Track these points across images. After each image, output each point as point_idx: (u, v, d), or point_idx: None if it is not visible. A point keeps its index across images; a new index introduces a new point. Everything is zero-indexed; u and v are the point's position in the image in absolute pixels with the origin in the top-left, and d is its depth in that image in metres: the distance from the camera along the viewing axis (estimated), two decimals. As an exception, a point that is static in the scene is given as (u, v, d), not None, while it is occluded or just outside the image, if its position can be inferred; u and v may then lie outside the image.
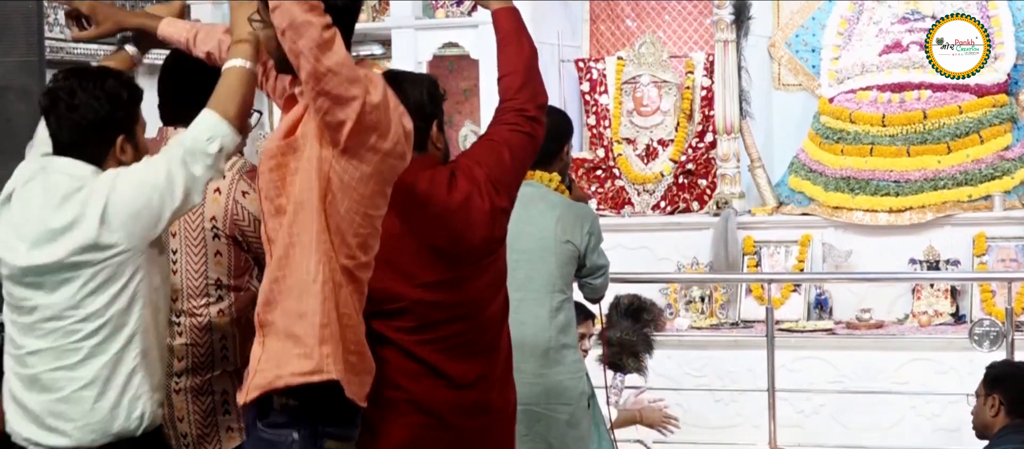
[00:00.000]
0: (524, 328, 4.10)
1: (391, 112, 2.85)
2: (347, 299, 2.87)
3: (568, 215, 4.26)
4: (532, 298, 4.20)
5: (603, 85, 8.61)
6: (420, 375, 3.18)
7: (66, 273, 2.95)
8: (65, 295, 2.96)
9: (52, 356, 2.98)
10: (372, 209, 2.88)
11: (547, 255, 4.22)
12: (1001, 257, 7.38)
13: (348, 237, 2.85)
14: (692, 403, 7.15)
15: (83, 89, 2.98)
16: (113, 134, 3.01)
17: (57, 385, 2.97)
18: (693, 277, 7.78)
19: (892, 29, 8.04)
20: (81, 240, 2.94)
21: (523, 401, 4.10)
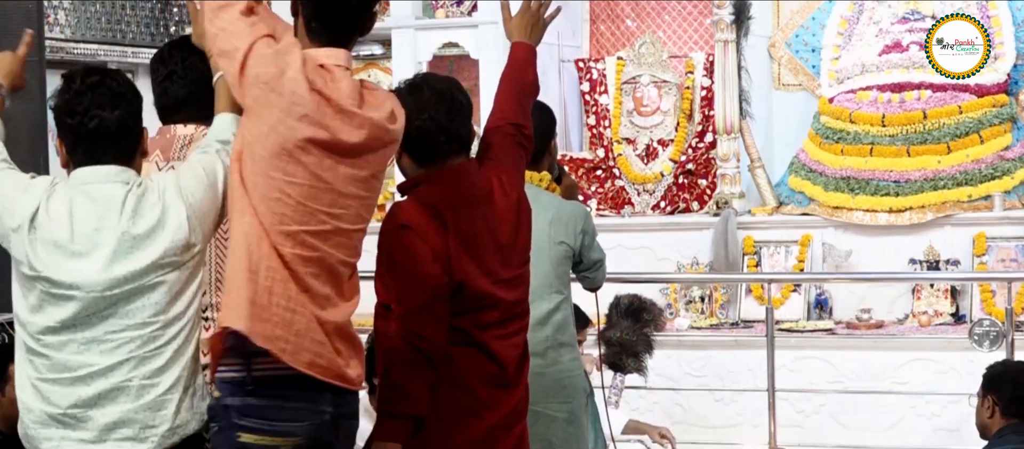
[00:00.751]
0: None
1: (287, 69, 2.86)
2: (266, 253, 2.88)
3: (561, 216, 4.27)
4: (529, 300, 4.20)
5: (603, 85, 8.62)
6: (494, 378, 3.34)
7: (154, 277, 2.89)
8: (152, 301, 2.89)
9: (129, 367, 2.89)
10: (274, 171, 2.86)
11: (542, 257, 4.20)
12: (1001, 257, 7.39)
13: (257, 201, 2.89)
14: (692, 403, 7.16)
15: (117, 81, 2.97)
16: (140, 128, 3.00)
17: (137, 395, 2.89)
18: (693, 277, 7.79)
19: (892, 29, 8.04)
20: (173, 242, 2.90)
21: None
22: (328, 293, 2.95)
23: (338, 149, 2.90)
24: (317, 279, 2.93)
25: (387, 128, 2.99)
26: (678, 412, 7.19)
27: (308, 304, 2.91)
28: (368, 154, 2.96)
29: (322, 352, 2.93)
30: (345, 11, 3.00)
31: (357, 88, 2.97)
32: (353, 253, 3.02)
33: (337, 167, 2.91)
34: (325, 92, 2.88)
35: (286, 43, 2.90)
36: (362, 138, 2.93)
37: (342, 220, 2.95)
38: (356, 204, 2.97)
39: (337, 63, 2.96)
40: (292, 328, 2.89)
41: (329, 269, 2.95)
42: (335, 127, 2.89)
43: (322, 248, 2.92)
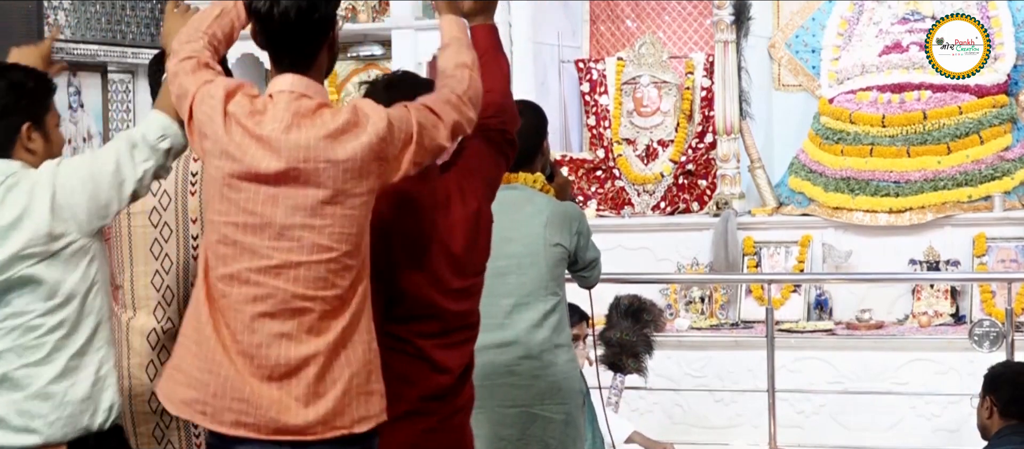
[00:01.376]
0: (518, 333, 4.13)
1: (212, 111, 2.84)
2: (195, 312, 2.88)
3: (555, 218, 4.25)
4: (524, 303, 4.18)
5: (603, 86, 8.62)
6: (427, 373, 3.23)
7: (22, 267, 2.94)
8: (25, 291, 2.95)
9: (14, 355, 2.97)
10: (213, 214, 2.85)
11: (537, 259, 4.20)
12: (1001, 257, 7.38)
13: (206, 247, 2.89)
14: (692, 403, 7.15)
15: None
16: (18, 121, 3.03)
17: (24, 383, 2.96)
18: (693, 277, 7.78)
19: (892, 29, 8.04)
20: (33, 232, 2.94)
21: (519, 402, 4.13)
22: (287, 331, 2.82)
23: (260, 179, 2.80)
24: (271, 319, 2.82)
25: (315, 152, 2.80)
26: (678, 413, 7.19)
27: (233, 363, 2.82)
28: (304, 183, 2.80)
29: (247, 409, 2.81)
30: (277, 37, 2.91)
31: (301, 113, 2.83)
32: (321, 285, 2.83)
33: (274, 200, 2.80)
34: (244, 123, 2.82)
35: (218, 84, 2.88)
36: (281, 166, 2.79)
37: (293, 253, 2.80)
38: (310, 234, 2.81)
39: (280, 89, 2.87)
40: (208, 390, 2.83)
41: (286, 304, 2.81)
42: (251, 156, 2.80)
43: (272, 284, 2.81)
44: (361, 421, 2.87)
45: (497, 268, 3.95)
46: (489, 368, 4.05)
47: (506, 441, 4.15)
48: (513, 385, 4.13)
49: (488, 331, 4.02)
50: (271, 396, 2.81)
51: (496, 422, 4.13)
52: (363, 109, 2.88)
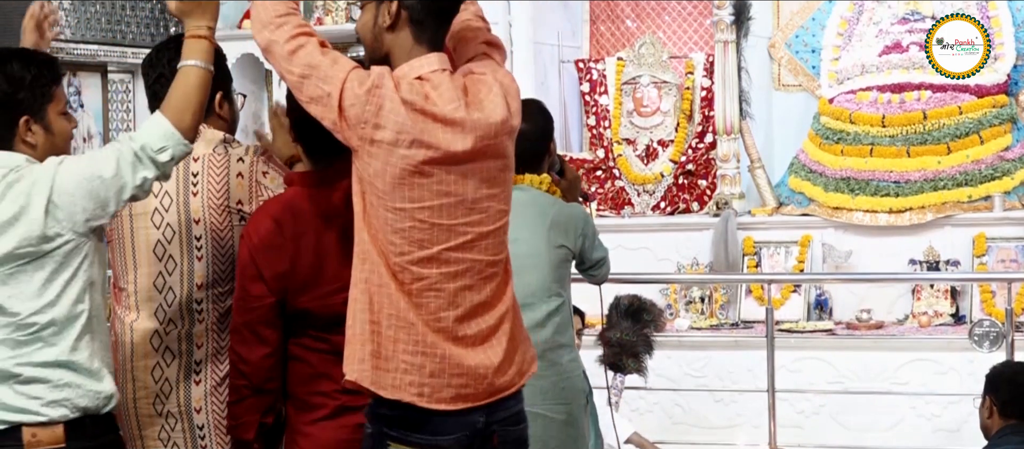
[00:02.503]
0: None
1: (383, 101, 2.80)
2: (388, 300, 2.86)
3: (560, 219, 4.27)
4: (528, 304, 4.16)
5: (603, 86, 8.62)
6: None
7: (14, 265, 2.95)
8: (16, 289, 2.95)
9: (6, 348, 2.97)
10: (401, 202, 2.83)
11: (541, 261, 4.23)
12: (1001, 258, 7.38)
13: (388, 235, 2.85)
14: (692, 403, 7.15)
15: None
16: (15, 115, 3.02)
17: (16, 372, 2.97)
18: (693, 277, 7.79)
19: (892, 29, 8.04)
20: (28, 231, 2.94)
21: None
22: (484, 299, 2.93)
23: (455, 160, 2.84)
24: (471, 290, 2.91)
25: (500, 122, 2.89)
26: (678, 412, 7.19)
27: (445, 341, 2.88)
28: (487, 155, 2.89)
29: (467, 380, 2.91)
30: (448, 12, 2.95)
31: (460, 87, 2.88)
32: (500, 249, 2.97)
33: (464, 177, 2.86)
34: (425, 109, 2.82)
35: (375, 74, 2.84)
36: (471, 144, 2.85)
37: (483, 224, 2.90)
38: (493, 203, 2.92)
39: (433, 69, 2.88)
40: (424, 371, 2.87)
41: (480, 274, 2.92)
42: (444, 141, 2.83)
43: (468, 258, 2.89)
44: (533, 361, 3.11)
45: None
46: None
47: None
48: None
49: None
50: (481, 361, 2.92)
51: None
52: (498, 75, 2.98)
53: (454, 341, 2.89)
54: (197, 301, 3.37)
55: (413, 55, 2.89)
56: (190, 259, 3.37)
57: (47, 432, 2.97)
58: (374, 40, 2.94)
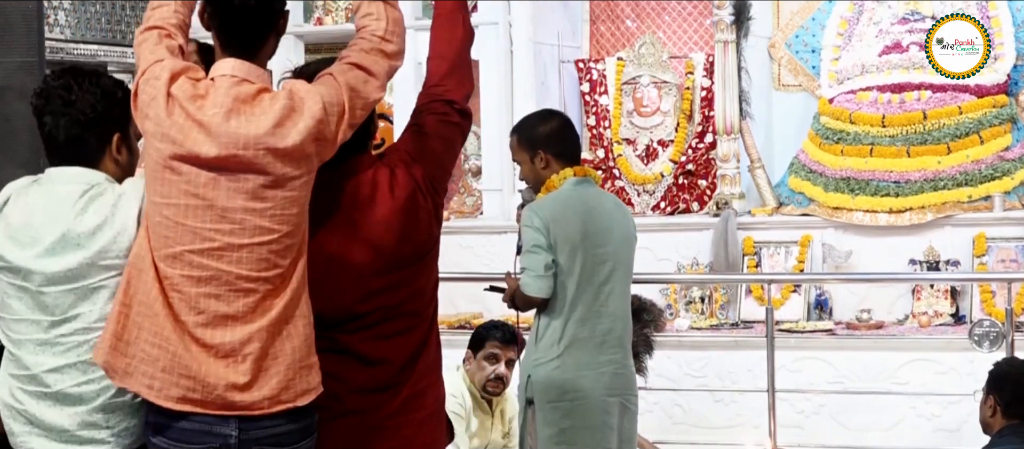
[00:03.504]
0: (614, 320, 4.35)
1: (156, 92, 2.86)
2: (143, 286, 2.86)
3: (628, 211, 4.57)
4: (618, 291, 4.39)
5: (603, 86, 8.62)
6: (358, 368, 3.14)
7: (97, 279, 2.91)
8: (97, 306, 2.91)
9: (78, 371, 2.92)
10: (154, 194, 2.86)
11: (630, 248, 4.45)
12: (1001, 257, 7.38)
13: (152, 225, 2.87)
14: (692, 403, 7.15)
15: (79, 86, 2.98)
16: (110, 131, 3.00)
17: (88, 397, 2.93)
18: (693, 277, 7.79)
19: (892, 29, 8.04)
20: (113, 242, 2.91)
21: (616, 391, 4.35)
22: (232, 312, 2.84)
23: (202, 164, 2.82)
24: (217, 299, 2.84)
25: (253, 138, 2.83)
26: (678, 412, 7.18)
27: (182, 339, 2.83)
28: (242, 168, 2.83)
29: (196, 385, 2.83)
30: (232, 21, 2.92)
31: (240, 98, 2.85)
32: (264, 266, 2.85)
33: (215, 184, 2.83)
34: (187, 107, 2.83)
35: (160, 67, 2.88)
36: (218, 151, 2.81)
37: (235, 235, 2.83)
38: (253, 217, 2.83)
39: (222, 73, 2.89)
40: (157, 365, 2.84)
41: (231, 286, 2.84)
42: (192, 142, 2.82)
43: (214, 266, 2.83)
44: (304, 394, 2.92)
45: (598, 256, 4.13)
46: (590, 357, 4.25)
47: (612, 430, 4.33)
48: (614, 374, 4.34)
49: (587, 319, 4.16)
50: (218, 373, 2.84)
51: (603, 410, 4.31)
52: (298, 93, 2.91)
53: (195, 343, 2.84)
54: None
55: (218, 58, 2.94)
56: None
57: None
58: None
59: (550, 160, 4.39)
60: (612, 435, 4.33)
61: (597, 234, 4.31)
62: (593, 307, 4.30)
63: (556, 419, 4.31)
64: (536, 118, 4.55)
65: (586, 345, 4.29)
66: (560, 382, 4.30)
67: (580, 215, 4.28)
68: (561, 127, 4.46)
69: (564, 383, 4.29)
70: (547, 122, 4.47)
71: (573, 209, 4.27)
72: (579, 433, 4.31)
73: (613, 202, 4.51)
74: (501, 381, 5.49)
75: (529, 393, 4.37)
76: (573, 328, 4.27)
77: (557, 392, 4.29)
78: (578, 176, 4.37)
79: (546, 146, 4.39)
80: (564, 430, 4.31)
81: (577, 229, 4.28)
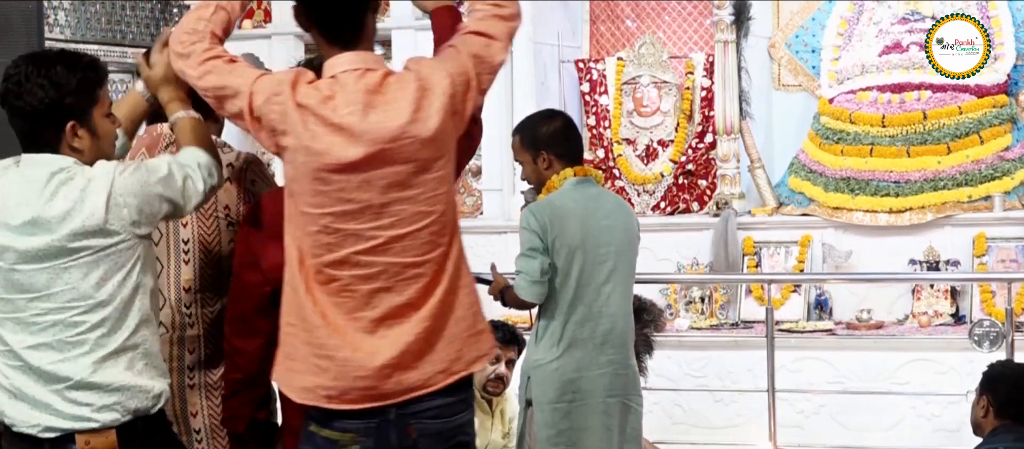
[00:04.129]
0: (615, 320, 4.33)
1: (285, 108, 2.85)
2: (302, 302, 2.90)
3: (630, 210, 4.55)
4: (619, 290, 4.37)
5: (603, 86, 8.62)
6: None
7: (64, 259, 2.95)
8: (70, 284, 2.96)
9: (54, 351, 2.97)
10: (308, 206, 2.88)
11: (630, 247, 4.43)
12: (1001, 257, 7.39)
13: (307, 236, 2.89)
14: (692, 403, 7.15)
15: (28, 78, 2.99)
16: (62, 120, 3.01)
17: (64, 375, 2.97)
18: (693, 277, 7.79)
19: (892, 29, 8.04)
20: (83, 225, 2.95)
21: (616, 392, 4.33)
22: (408, 298, 2.89)
23: (348, 168, 2.83)
24: (388, 292, 2.88)
25: (397, 129, 2.84)
26: (678, 412, 7.19)
27: (350, 340, 2.87)
28: (392, 161, 2.85)
29: (373, 384, 2.88)
30: (334, 12, 2.92)
31: (370, 90, 2.86)
32: (427, 249, 2.90)
33: (367, 184, 2.85)
34: (320, 112, 2.84)
35: (275, 81, 2.88)
36: (367, 151, 2.83)
37: (396, 227, 2.87)
38: (408, 205, 2.87)
39: (343, 69, 2.88)
40: (328, 375, 2.88)
41: (399, 276, 2.88)
42: (335, 148, 2.83)
43: (382, 261, 2.87)
44: (476, 361, 2.99)
45: (598, 256, 4.12)
46: (591, 358, 4.25)
47: (612, 432, 4.32)
48: (614, 374, 4.32)
49: (587, 319, 4.16)
50: (394, 363, 2.87)
51: (604, 411, 4.31)
52: (424, 73, 2.92)
53: (369, 341, 2.88)
54: (186, 305, 3.36)
55: (329, 54, 2.92)
56: (177, 263, 3.37)
57: (100, 438, 2.98)
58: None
59: (552, 160, 4.38)
60: (612, 436, 4.32)
61: (597, 234, 4.29)
62: (593, 307, 4.28)
63: (555, 420, 4.30)
64: (538, 118, 4.54)
65: (586, 345, 4.27)
66: (559, 383, 4.29)
67: (579, 216, 4.27)
68: (564, 127, 4.45)
69: (563, 384, 4.28)
70: (550, 122, 4.46)
71: (572, 210, 4.26)
72: (578, 434, 4.30)
73: (614, 202, 4.49)
74: (501, 381, 5.49)
75: (528, 394, 4.37)
76: (573, 329, 4.26)
77: (556, 393, 4.28)
78: (579, 176, 4.36)
79: (548, 146, 4.38)
80: (563, 431, 4.30)
81: (576, 230, 4.27)
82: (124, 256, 2.99)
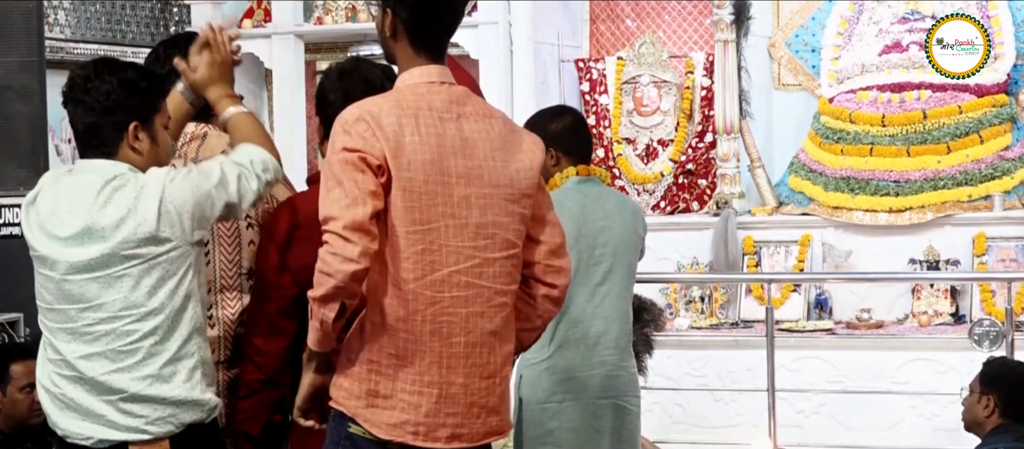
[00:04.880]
0: (610, 321, 4.28)
1: (390, 136, 2.82)
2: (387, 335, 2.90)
3: (636, 210, 4.48)
4: (616, 291, 4.32)
5: (603, 85, 8.62)
6: None
7: (120, 268, 2.96)
8: (121, 294, 2.96)
9: (107, 360, 2.98)
10: (406, 224, 2.87)
11: (629, 248, 4.37)
12: (1001, 257, 7.39)
13: (402, 258, 2.86)
14: (692, 403, 7.16)
15: (98, 75, 3.04)
16: (126, 119, 3.04)
17: (119, 386, 2.98)
18: (693, 277, 7.79)
19: (892, 29, 8.04)
20: (135, 232, 2.96)
21: (609, 394, 4.28)
22: (495, 327, 2.92)
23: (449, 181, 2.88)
24: (481, 317, 2.90)
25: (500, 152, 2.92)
26: (678, 412, 7.19)
27: (446, 372, 2.87)
28: (490, 183, 2.90)
29: (463, 422, 2.89)
30: (435, 22, 2.89)
31: (457, 101, 2.89)
32: (509, 280, 2.93)
33: (467, 200, 2.89)
34: (435, 126, 2.86)
35: (351, 120, 2.83)
36: (471, 164, 2.88)
37: (488, 250, 2.89)
38: (501, 232, 2.93)
39: (430, 81, 2.88)
40: (420, 411, 2.85)
41: (490, 302, 2.91)
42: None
43: (478, 284, 2.88)
44: (498, 430, 3.00)
45: (593, 257, 4.09)
46: (581, 358, 4.21)
47: (601, 433, 4.28)
48: (606, 375, 4.27)
49: (580, 320, 4.14)
50: (481, 401, 2.87)
51: (592, 413, 4.26)
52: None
53: (463, 368, 2.85)
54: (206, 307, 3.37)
55: (413, 64, 2.88)
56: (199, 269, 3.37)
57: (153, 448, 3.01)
58: (384, 45, 2.97)
59: (560, 158, 4.33)
60: (601, 438, 4.28)
61: (592, 235, 4.25)
62: (586, 308, 4.24)
63: (544, 419, 4.29)
64: (548, 115, 4.47)
65: (578, 346, 4.23)
66: (549, 383, 4.26)
67: (575, 216, 4.22)
68: (573, 125, 4.40)
69: (553, 384, 4.25)
70: (559, 119, 4.40)
71: (568, 209, 4.22)
72: (565, 435, 4.26)
73: (616, 203, 4.42)
74: None
75: (520, 392, 4.37)
76: (565, 329, 4.21)
77: (545, 392, 4.26)
78: (582, 175, 4.33)
79: (557, 144, 4.31)
80: (551, 431, 4.29)
81: (571, 230, 4.18)
82: (176, 264, 3.00)
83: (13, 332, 5.88)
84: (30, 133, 6.07)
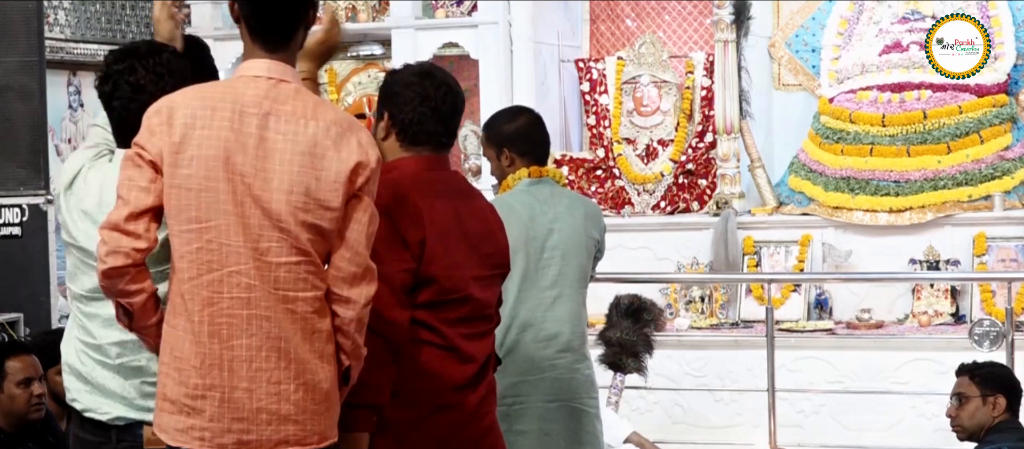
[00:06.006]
0: (561, 324, 4.19)
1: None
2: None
3: (591, 211, 4.37)
4: (567, 294, 4.22)
5: (603, 85, 8.62)
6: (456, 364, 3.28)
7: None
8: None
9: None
10: (181, 223, 2.80)
11: (579, 251, 4.26)
12: (1001, 257, 7.39)
13: None
14: (692, 403, 7.16)
15: (143, 65, 2.99)
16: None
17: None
18: (693, 277, 7.79)
19: (892, 29, 8.04)
20: None
21: (561, 397, 4.19)
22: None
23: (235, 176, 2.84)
24: (268, 320, 2.83)
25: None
26: (678, 412, 7.19)
27: (228, 379, 2.80)
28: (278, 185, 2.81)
29: (248, 427, 2.80)
30: (267, 12, 2.82)
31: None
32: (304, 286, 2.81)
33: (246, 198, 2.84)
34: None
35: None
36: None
37: (271, 254, 2.79)
38: (287, 237, 2.80)
39: (255, 74, 2.81)
40: (204, 416, 2.78)
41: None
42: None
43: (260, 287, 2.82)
44: None
45: (542, 260, 4.04)
46: (531, 362, 4.13)
47: (551, 436, 4.20)
48: (557, 379, 4.19)
49: (530, 324, 4.09)
50: (271, 408, 2.74)
51: (541, 417, 4.18)
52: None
53: (243, 378, 2.77)
54: None
55: (249, 55, 2.82)
56: None
57: None
58: None
59: (515, 159, 4.22)
60: (552, 441, 4.19)
61: (540, 238, 4.15)
62: (537, 312, 4.15)
63: None
64: (504, 115, 4.39)
65: (528, 349, 4.15)
66: (500, 388, 4.21)
67: (522, 219, 4.12)
68: (527, 126, 4.28)
69: (503, 388, 4.13)
70: (514, 120, 4.30)
71: (517, 212, 4.11)
72: (516, 437, 4.17)
73: (567, 204, 4.28)
74: None
75: None
76: (515, 333, 4.12)
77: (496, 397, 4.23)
78: (533, 176, 4.21)
79: (511, 144, 4.22)
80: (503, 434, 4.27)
81: (518, 233, 4.06)
82: None
83: (13, 332, 5.88)
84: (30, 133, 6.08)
